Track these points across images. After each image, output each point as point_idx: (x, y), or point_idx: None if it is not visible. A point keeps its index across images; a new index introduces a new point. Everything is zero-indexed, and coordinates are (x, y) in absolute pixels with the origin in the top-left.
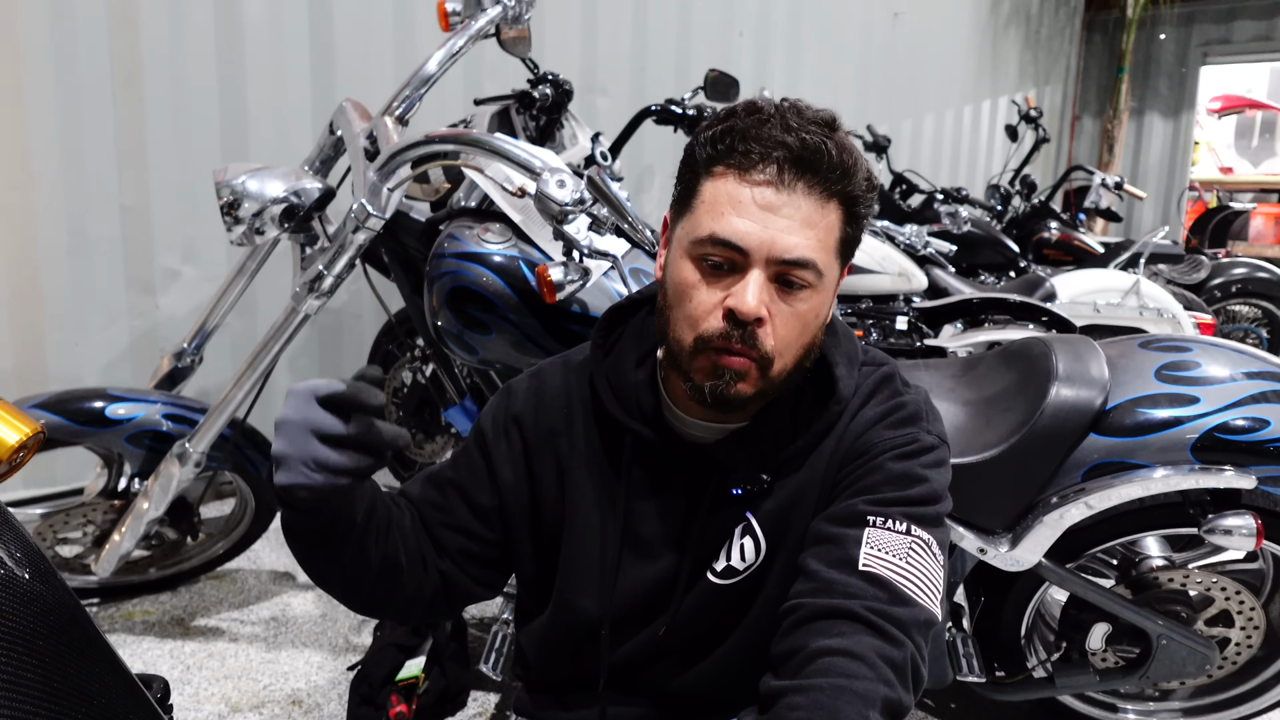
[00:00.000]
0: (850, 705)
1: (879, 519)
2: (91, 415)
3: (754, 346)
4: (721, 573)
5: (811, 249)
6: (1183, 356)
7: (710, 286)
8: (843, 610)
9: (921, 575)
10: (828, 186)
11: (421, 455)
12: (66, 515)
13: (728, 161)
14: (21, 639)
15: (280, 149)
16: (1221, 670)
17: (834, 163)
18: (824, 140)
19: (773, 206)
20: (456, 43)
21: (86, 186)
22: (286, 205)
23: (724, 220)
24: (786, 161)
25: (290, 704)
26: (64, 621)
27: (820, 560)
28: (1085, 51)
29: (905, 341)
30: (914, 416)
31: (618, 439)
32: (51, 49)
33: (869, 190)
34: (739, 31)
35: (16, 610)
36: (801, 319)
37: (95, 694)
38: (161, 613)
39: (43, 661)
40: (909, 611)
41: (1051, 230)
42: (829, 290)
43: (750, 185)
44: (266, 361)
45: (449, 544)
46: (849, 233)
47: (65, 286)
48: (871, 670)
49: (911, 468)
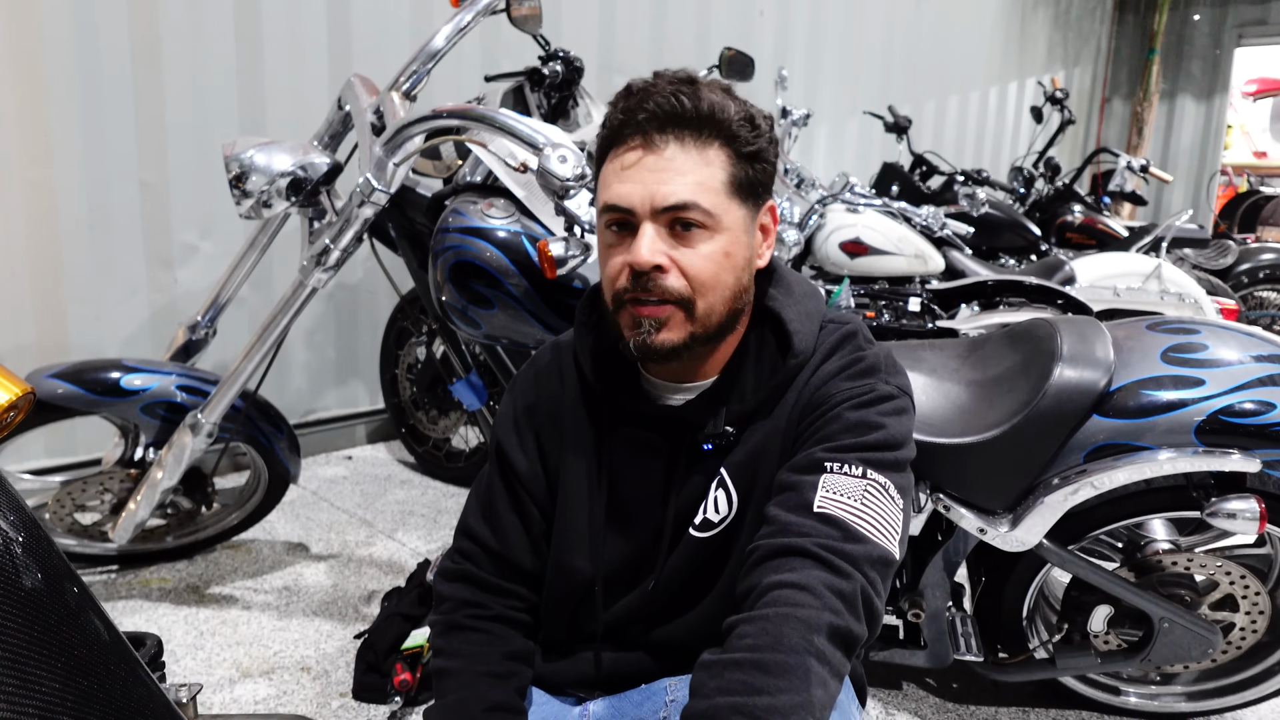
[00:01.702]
0: (794, 630)
1: (835, 464)
2: (107, 385)
3: (662, 293)
4: (699, 525)
5: (690, 191)
6: (1190, 339)
7: (616, 250)
8: (795, 548)
9: (876, 515)
10: (697, 132)
11: (435, 430)
12: (84, 484)
13: (612, 144)
14: (3, 594)
15: (297, 126)
16: (1226, 655)
17: (692, 111)
18: (677, 94)
19: (647, 164)
20: (464, 18)
21: (106, 163)
22: (293, 179)
23: (611, 189)
24: (650, 123)
25: (299, 670)
26: (51, 580)
27: (780, 506)
28: (1116, 32)
29: (917, 323)
30: (872, 369)
31: (600, 409)
32: (73, 27)
33: (750, 129)
34: (760, 10)
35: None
36: (710, 259)
37: (75, 645)
38: (178, 580)
39: (24, 612)
40: (861, 548)
41: (1075, 213)
42: (736, 229)
43: (626, 153)
44: (276, 334)
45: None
46: (741, 171)
47: (86, 261)
48: (818, 599)
49: (868, 415)
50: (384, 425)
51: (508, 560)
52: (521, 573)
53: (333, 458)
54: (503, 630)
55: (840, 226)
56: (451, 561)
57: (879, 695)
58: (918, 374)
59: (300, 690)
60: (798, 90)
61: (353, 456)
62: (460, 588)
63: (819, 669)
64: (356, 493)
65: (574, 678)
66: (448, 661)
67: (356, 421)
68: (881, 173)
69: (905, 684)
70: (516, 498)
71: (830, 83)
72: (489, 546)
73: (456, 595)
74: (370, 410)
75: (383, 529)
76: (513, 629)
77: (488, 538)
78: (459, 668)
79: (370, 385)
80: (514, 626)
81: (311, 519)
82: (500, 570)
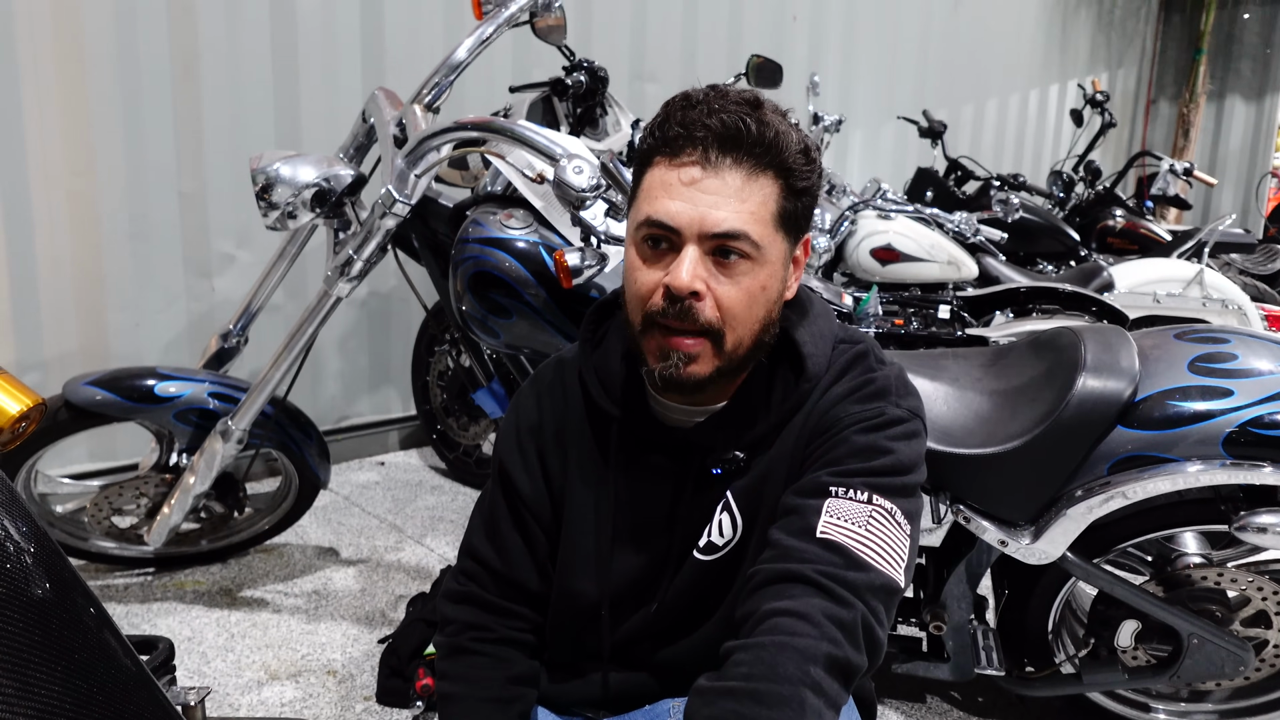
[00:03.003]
0: (791, 660)
1: (840, 489)
2: (142, 392)
3: (694, 321)
4: (704, 549)
5: (742, 220)
6: (1220, 348)
7: (652, 267)
8: (795, 574)
9: (880, 541)
10: (756, 160)
11: (465, 437)
12: (121, 488)
13: (660, 151)
14: (11, 599)
15: (331, 138)
16: (1259, 673)
17: (756, 138)
18: (744, 117)
19: (700, 184)
20: (485, 30)
21: (147, 174)
22: (317, 190)
23: (657, 203)
24: (710, 141)
25: (325, 674)
26: (59, 589)
27: (783, 530)
28: (1162, 32)
29: (947, 330)
30: (882, 391)
31: (606, 428)
32: (114, 42)
33: (805, 162)
34: (793, 16)
35: (4, 574)
36: (746, 292)
37: (77, 649)
38: (211, 583)
39: (28, 619)
40: (864, 576)
41: (1116, 218)
42: (776, 263)
43: (679, 168)
44: (303, 342)
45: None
46: (791, 205)
47: (127, 270)
48: (816, 629)
49: (876, 440)
50: (416, 431)
51: (511, 581)
52: (526, 593)
53: (366, 463)
54: (507, 653)
55: (872, 233)
56: (456, 583)
57: (901, 708)
58: (940, 383)
59: (325, 694)
60: (832, 95)
61: (385, 462)
62: (465, 610)
63: (814, 700)
64: (388, 498)
65: (580, 698)
66: (451, 686)
67: (389, 428)
68: (916, 178)
69: (930, 696)
70: (520, 518)
71: (865, 87)
72: (493, 567)
73: (461, 618)
74: (403, 416)
75: (412, 534)
76: (517, 651)
77: (491, 558)
78: (462, 693)
79: (403, 392)
80: (518, 648)
81: (342, 524)
82: (504, 591)
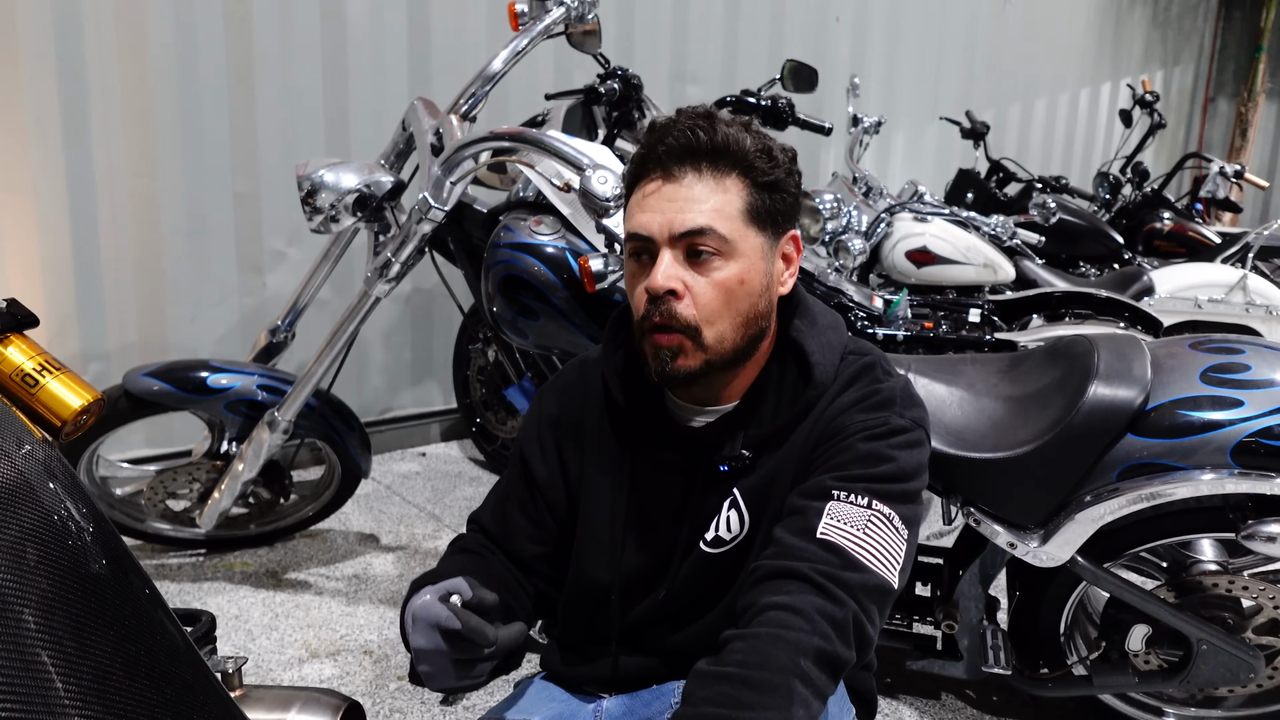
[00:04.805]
0: (783, 651)
1: (842, 493)
2: (195, 384)
3: (674, 318)
4: (711, 542)
5: (706, 217)
6: (1233, 359)
7: (639, 278)
8: (793, 571)
9: (877, 545)
10: (715, 165)
11: (504, 430)
12: (175, 474)
13: (636, 179)
14: (72, 573)
15: (378, 142)
16: (1273, 680)
17: (709, 145)
18: (695, 130)
19: (664, 193)
20: (520, 42)
21: (204, 175)
22: (359, 196)
23: (633, 219)
24: (669, 156)
25: (362, 654)
26: (114, 566)
27: (786, 529)
28: (1222, 29)
29: (977, 334)
30: (888, 401)
31: (624, 426)
32: (174, 52)
33: (766, 160)
34: (835, 17)
35: (67, 550)
36: (723, 286)
37: (127, 617)
38: (258, 565)
39: (87, 590)
40: (858, 576)
41: (1164, 220)
42: (752, 257)
43: (648, 184)
44: (345, 339)
45: (527, 554)
46: (759, 199)
47: (184, 266)
48: (809, 624)
49: (879, 448)
50: (457, 424)
51: (509, 552)
52: (520, 563)
53: (408, 454)
54: (505, 560)
55: (907, 235)
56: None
57: (916, 705)
58: (956, 388)
59: (361, 672)
60: (874, 96)
61: (426, 453)
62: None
63: (802, 690)
64: (428, 488)
65: (590, 677)
66: None
67: (431, 420)
68: (957, 179)
69: (944, 694)
70: (533, 502)
71: (908, 88)
72: (492, 535)
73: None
74: (444, 409)
75: (450, 524)
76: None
77: (494, 530)
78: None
79: (444, 385)
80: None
81: (384, 512)
82: None
